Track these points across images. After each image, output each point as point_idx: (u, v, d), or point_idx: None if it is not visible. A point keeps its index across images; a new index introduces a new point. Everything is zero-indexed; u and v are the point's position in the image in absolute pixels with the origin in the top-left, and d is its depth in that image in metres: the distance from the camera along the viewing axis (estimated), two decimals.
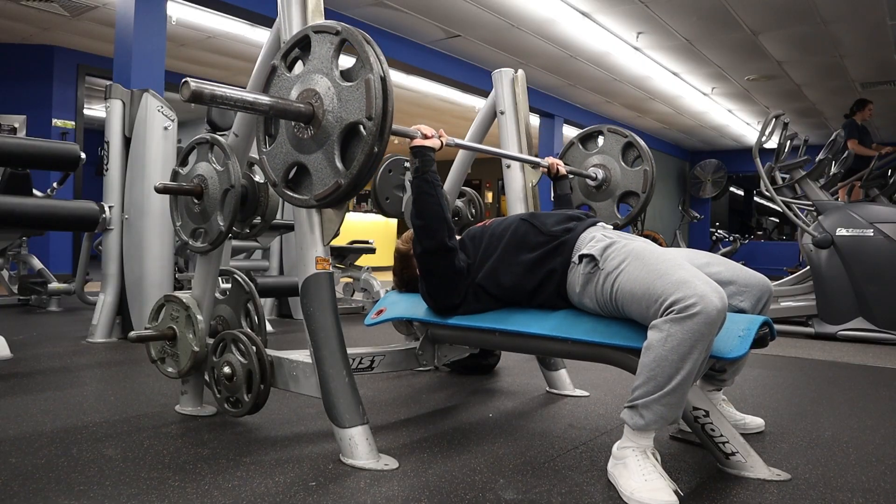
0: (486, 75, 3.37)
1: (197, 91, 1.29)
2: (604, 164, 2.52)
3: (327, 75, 1.49)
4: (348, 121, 1.44)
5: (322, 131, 1.48)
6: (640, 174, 2.46)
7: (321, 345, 1.63)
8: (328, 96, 1.47)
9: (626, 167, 2.50)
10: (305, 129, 1.50)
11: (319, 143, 1.49)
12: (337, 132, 1.45)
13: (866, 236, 4.03)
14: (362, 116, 1.41)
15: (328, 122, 1.47)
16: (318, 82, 1.49)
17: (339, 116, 1.45)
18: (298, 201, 1.56)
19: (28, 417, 1.94)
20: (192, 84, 1.29)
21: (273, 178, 1.59)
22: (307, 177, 1.54)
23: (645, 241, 1.65)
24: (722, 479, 1.55)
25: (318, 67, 1.51)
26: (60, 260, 6.71)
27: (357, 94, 1.42)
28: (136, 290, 3.32)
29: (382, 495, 1.40)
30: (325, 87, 1.48)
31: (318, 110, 1.48)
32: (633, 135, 2.51)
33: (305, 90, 1.51)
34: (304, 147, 1.52)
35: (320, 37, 1.52)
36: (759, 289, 1.75)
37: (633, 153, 2.51)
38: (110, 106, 3.41)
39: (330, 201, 1.50)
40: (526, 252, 1.72)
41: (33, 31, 6.58)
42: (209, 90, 1.32)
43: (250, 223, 2.20)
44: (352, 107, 1.43)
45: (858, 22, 5.66)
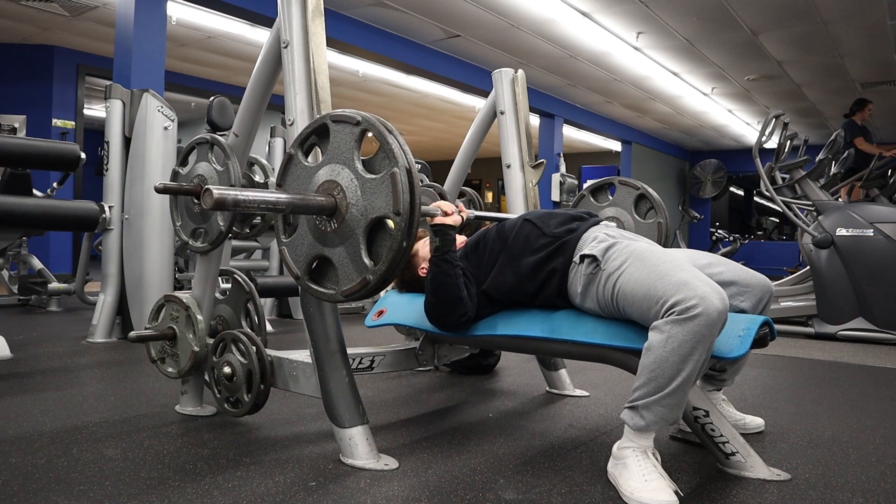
0: (486, 75, 3.38)
1: (220, 199, 1.25)
2: (617, 217, 2.49)
3: (349, 167, 1.43)
4: (374, 215, 1.38)
5: (346, 225, 1.42)
6: (654, 227, 2.42)
7: (321, 345, 1.63)
8: (351, 189, 1.41)
9: (639, 219, 2.46)
10: (328, 221, 1.44)
11: (343, 237, 1.43)
12: (362, 227, 1.39)
13: (866, 236, 4.03)
14: (389, 211, 1.35)
15: (352, 216, 1.41)
16: (339, 174, 1.44)
17: (363, 211, 1.39)
18: (324, 296, 1.48)
19: (28, 417, 1.94)
20: (215, 193, 1.24)
21: (295, 272, 1.52)
22: (331, 270, 1.48)
23: (647, 242, 1.65)
24: (722, 479, 1.55)
25: (338, 157, 1.45)
26: (60, 260, 6.71)
27: (382, 188, 1.36)
28: (136, 290, 3.32)
29: (382, 495, 1.40)
30: (348, 180, 1.42)
31: (342, 203, 1.42)
32: (644, 186, 2.47)
33: (327, 181, 1.45)
34: (327, 241, 1.46)
35: (339, 126, 1.46)
36: (760, 289, 1.74)
37: (645, 205, 2.48)
38: (110, 106, 3.41)
39: (357, 297, 1.44)
40: (529, 255, 1.71)
41: (33, 31, 6.58)
42: (232, 197, 1.27)
43: (250, 223, 2.20)
44: (377, 201, 1.37)
45: (858, 22, 5.66)
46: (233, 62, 7.45)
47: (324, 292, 1.49)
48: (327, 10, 1.78)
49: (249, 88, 1.93)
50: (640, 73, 7.54)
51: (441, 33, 6.31)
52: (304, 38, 1.73)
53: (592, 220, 1.75)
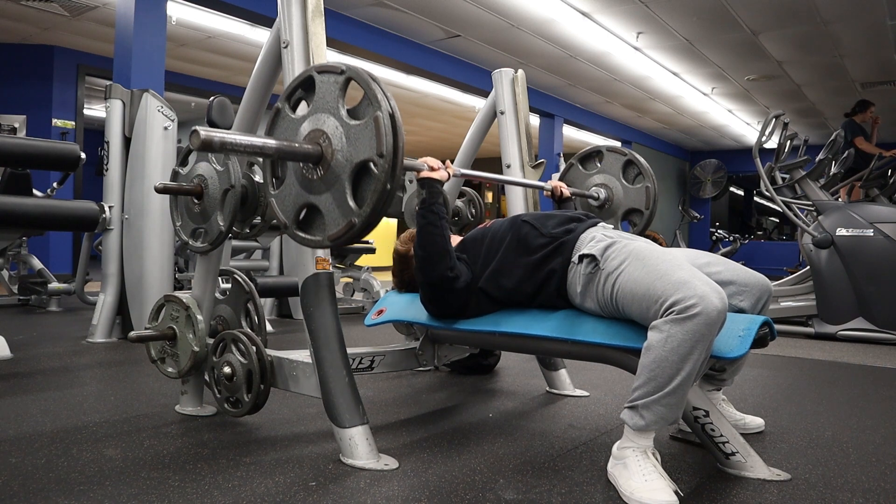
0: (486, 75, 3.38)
1: (206, 139, 1.28)
2: (605, 184, 2.51)
3: (334, 115, 1.46)
4: (358, 159, 1.41)
5: (331, 171, 1.45)
6: (643, 191, 2.44)
7: (321, 345, 1.63)
8: (336, 136, 1.44)
9: (627, 185, 2.49)
10: (314, 169, 1.47)
11: (329, 184, 1.45)
12: (347, 171, 1.42)
13: (866, 236, 4.03)
14: (373, 154, 1.38)
15: (337, 162, 1.44)
16: (325, 122, 1.46)
17: (348, 156, 1.42)
18: (311, 242, 1.52)
19: (28, 417, 1.94)
20: (202, 133, 1.27)
21: (284, 221, 1.55)
22: (319, 217, 1.50)
23: (646, 242, 1.65)
24: (722, 479, 1.55)
25: (324, 107, 1.48)
26: (60, 260, 6.72)
27: (366, 133, 1.39)
28: (136, 290, 3.32)
29: (382, 495, 1.41)
30: (333, 127, 1.45)
31: (327, 150, 1.45)
32: (632, 152, 2.51)
33: (313, 130, 1.48)
34: (314, 188, 1.48)
35: (324, 77, 1.49)
36: (758, 289, 1.74)
37: (633, 171, 2.50)
38: (110, 106, 3.41)
39: (344, 241, 1.46)
40: (527, 255, 1.71)
41: (33, 31, 6.58)
42: (219, 138, 1.30)
43: (250, 223, 2.20)
44: (361, 145, 1.40)
45: (858, 22, 5.66)
46: (233, 62, 7.45)
47: (311, 239, 1.52)
48: (327, 10, 1.79)
49: (249, 88, 1.93)
50: (640, 73, 7.54)
51: (441, 33, 6.32)
52: (304, 38, 1.73)
53: (590, 222, 1.76)
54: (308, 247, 1.59)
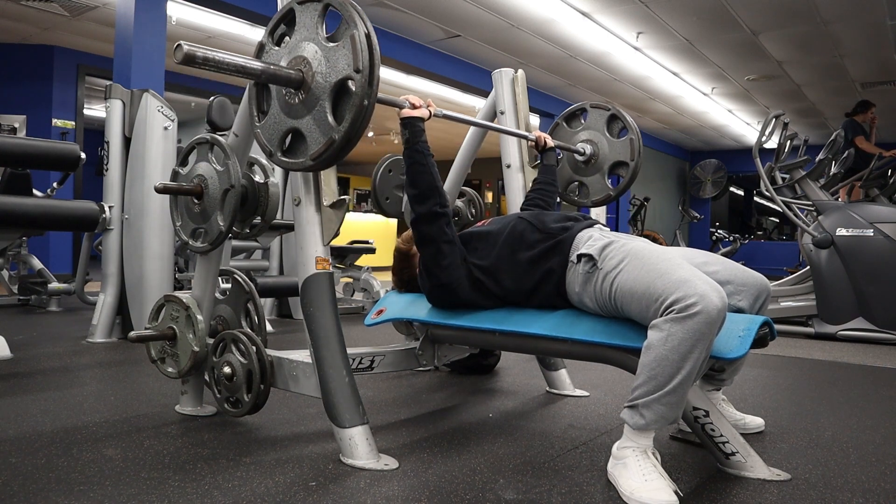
0: (486, 75, 3.38)
1: (189, 53, 1.31)
2: (590, 139, 2.56)
3: (313, 40, 1.51)
4: (337, 78, 1.45)
5: (312, 94, 1.49)
6: (627, 143, 2.49)
7: (321, 345, 1.63)
8: (316, 59, 1.49)
9: (612, 139, 2.54)
10: (296, 94, 1.52)
11: (311, 106, 1.50)
12: (327, 91, 1.47)
13: (866, 236, 4.03)
14: (350, 71, 1.42)
15: (317, 84, 1.48)
16: (305, 48, 1.51)
17: (327, 76, 1.47)
18: (295, 165, 1.56)
19: (28, 417, 1.94)
20: (185, 47, 1.30)
21: (269, 149, 1.60)
22: (302, 142, 1.55)
23: (644, 241, 1.65)
24: (722, 479, 1.55)
25: (305, 36, 1.53)
26: (60, 260, 6.71)
27: (343, 52, 1.44)
28: (136, 290, 3.32)
29: (382, 495, 1.41)
30: (313, 52, 1.50)
31: (308, 74, 1.49)
32: (616, 107, 2.55)
33: (294, 58, 1.53)
34: (296, 112, 1.53)
35: (304, 7, 1.54)
36: (756, 288, 1.75)
37: (617, 125, 2.55)
38: (110, 106, 3.41)
39: (325, 158, 1.50)
40: (524, 250, 1.72)
41: (33, 31, 6.58)
42: (202, 53, 1.33)
43: (250, 223, 2.20)
44: (339, 64, 1.45)
45: (858, 22, 5.66)
46: None
47: (295, 162, 1.56)
48: None
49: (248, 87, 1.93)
50: (640, 73, 7.54)
51: (441, 33, 6.31)
52: None
53: (587, 222, 1.77)
54: (293, 170, 1.62)
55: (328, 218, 1.71)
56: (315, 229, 1.69)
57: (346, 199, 1.75)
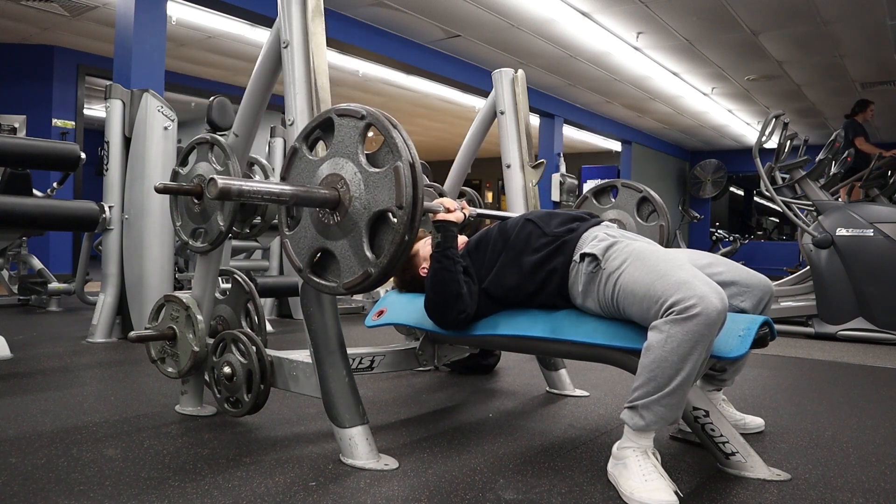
0: (486, 75, 3.38)
1: (224, 188, 1.27)
2: (619, 220, 2.51)
3: (353, 160, 1.44)
4: (377, 208, 1.39)
5: (349, 218, 1.43)
6: (657, 230, 2.43)
7: (321, 345, 1.63)
8: (354, 182, 1.42)
9: (641, 222, 2.48)
10: (331, 214, 1.45)
11: (346, 231, 1.44)
12: (365, 220, 1.40)
13: (866, 236, 4.03)
14: (392, 205, 1.36)
15: (355, 210, 1.42)
16: (343, 167, 1.45)
17: (366, 204, 1.40)
18: (326, 288, 1.50)
19: (28, 417, 1.94)
20: (219, 182, 1.27)
21: (298, 264, 1.53)
22: (333, 263, 1.49)
23: (648, 242, 1.64)
24: (722, 479, 1.55)
25: (342, 151, 1.46)
26: (60, 260, 6.71)
27: (386, 182, 1.37)
28: (136, 290, 3.32)
29: (382, 495, 1.41)
30: (352, 173, 1.43)
31: (345, 196, 1.43)
32: (647, 189, 2.49)
33: (330, 175, 1.46)
34: (329, 233, 1.47)
35: (344, 120, 1.47)
36: (760, 289, 1.74)
37: (648, 208, 2.50)
38: (110, 106, 3.41)
39: (359, 290, 1.45)
40: (529, 254, 1.71)
41: (33, 31, 6.58)
42: (237, 187, 1.29)
43: (250, 223, 2.20)
44: (380, 194, 1.38)
45: (858, 22, 5.66)
46: (233, 62, 7.45)
47: (326, 285, 1.50)
48: (327, 10, 1.78)
49: (249, 88, 1.93)
50: (640, 73, 7.54)
51: (441, 33, 6.31)
52: (304, 38, 1.73)
53: (593, 221, 1.75)
54: (323, 292, 1.58)
55: None
56: None
57: None
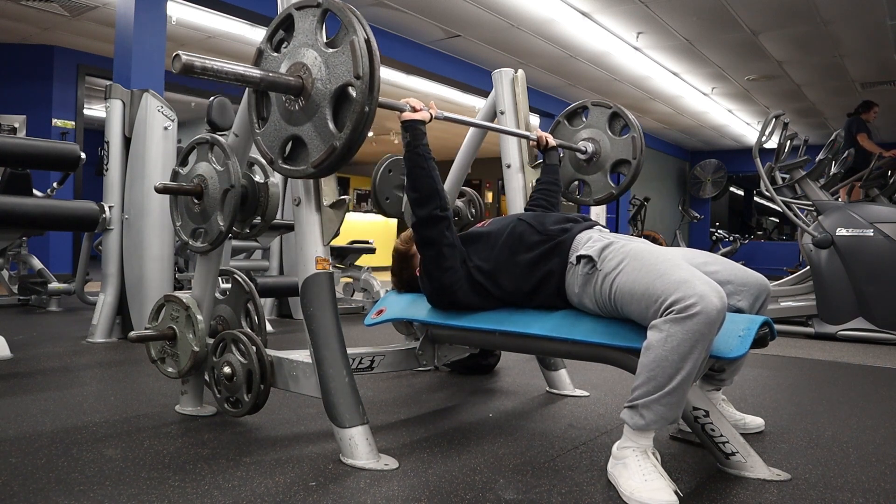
0: (486, 75, 3.38)
1: (188, 63, 1.31)
2: (592, 138, 2.55)
3: (312, 46, 1.49)
4: (337, 84, 1.44)
5: (312, 101, 1.48)
6: (629, 142, 2.48)
7: (321, 345, 1.64)
8: (315, 65, 1.48)
9: (614, 137, 2.53)
10: (296, 101, 1.51)
11: (311, 113, 1.49)
12: (327, 98, 1.46)
13: (866, 236, 4.03)
14: (350, 77, 1.41)
15: (317, 90, 1.47)
16: (304, 55, 1.50)
17: (327, 82, 1.46)
18: (297, 172, 1.55)
19: (28, 417, 1.94)
20: (183, 57, 1.30)
21: (269, 156, 1.59)
22: (303, 149, 1.53)
23: (643, 242, 1.65)
24: (722, 479, 1.55)
25: (304, 41, 1.52)
26: (60, 260, 6.71)
27: (343, 58, 1.43)
28: (136, 290, 3.32)
29: (382, 495, 1.41)
30: (312, 58, 1.48)
31: (307, 81, 1.48)
32: (617, 105, 2.54)
33: (293, 64, 1.51)
34: (296, 119, 1.52)
35: (302, 12, 1.53)
36: (756, 288, 1.75)
37: (619, 123, 2.54)
38: (110, 106, 3.41)
39: (327, 166, 1.49)
40: (523, 252, 1.72)
41: (33, 31, 6.58)
42: (200, 62, 1.33)
43: (250, 223, 2.20)
44: (339, 71, 1.44)
45: (858, 22, 5.66)
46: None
47: (296, 169, 1.55)
48: None
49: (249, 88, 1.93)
50: (640, 73, 7.54)
51: (441, 33, 6.31)
52: None
53: (586, 223, 1.77)
54: (294, 177, 1.62)
55: (328, 218, 1.71)
56: (315, 229, 1.69)
57: (346, 199, 1.75)
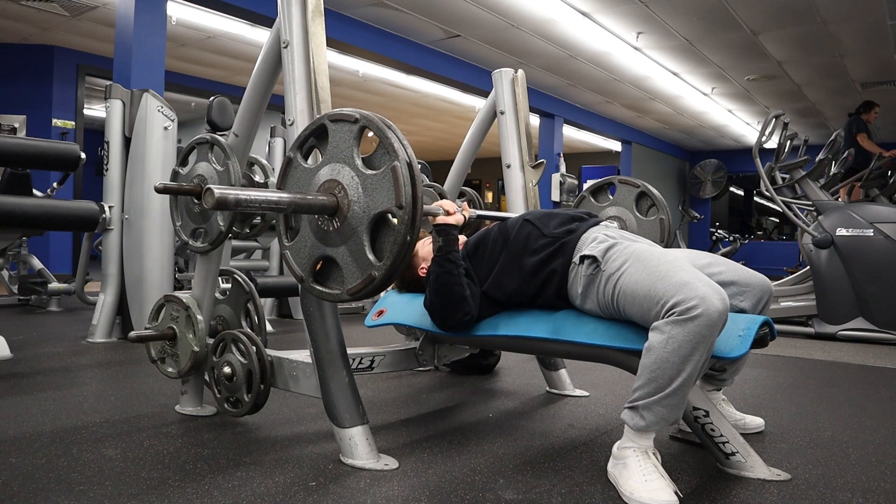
0: (486, 75, 3.39)
1: (222, 199, 1.25)
2: (618, 216, 2.49)
3: (349, 164, 1.42)
4: (376, 211, 1.37)
5: (348, 223, 1.41)
6: (657, 224, 2.41)
7: (321, 345, 1.63)
8: (352, 186, 1.40)
9: (641, 217, 2.46)
10: (330, 221, 1.44)
11: (346, 236, 1.42)
12: (365, 223, 1.39)
13: (866, 236, 4.03)
14: (392, 205, 1.34)
15: (354, 214, 1.40)
16: (339, 172, 1.43)
17: (365, 207, 1.39)
18: (330, 296, 1.47)
19: (28, 417, 1.94)
20: (216, 192, 1.25)
21: (300, 274, 1.51)
22: (335, 270, 1.47)
23: (648, 243, 1.64)
24: (722, 479, 1.55)
25: (338, 156, 1.44)
26: (60, 260, 6.71)
27: (384, 183, 1.36)
28: (136, 290, 3.32)
29: (382, 495, 1.41)
30: (349, 178, 1.41)
31: (343, 201, 1.41)
32: (644, 184, 2.47)
33: (327, 181, 1.44)
34: (329, 240, 1.45)
35: (338, 125, 1.46)
36: (759, 289, 1.74)
37: (646, 202, 2.48)
38: (110, 106, 3.41)
39: (363, 295, 1.42)
40: (528, 256, 1.70)
41: (33, 31, 6.57)
42: (234, 196, 1.27)
43: (250, 223, 2.20)
44: (379, 196, 1.37)
45: (858, 22, 5.66)
46: (233, 62, 7.45)
47: (329, 293, 1.47)
48: (327, 10, 1.78)
49: (249, 88, 1.93)
50: (640, 73, 7.54)
51: (441, 33, 6.31)
52: (304, 38, 1.73)
53: (592, 221, 1.75)
54: (326, 300, 1.55)
55: None
56: None
57: None
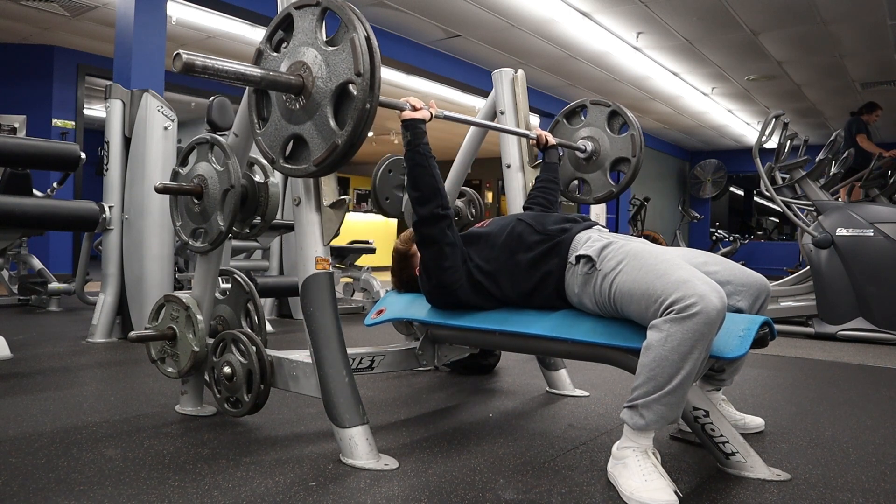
0: (486, 75, 3.39)
1: (189, 62, 1.30)
2: (591, 136, 2.56)
3: (312, 45, 1.49)
4: (338, 82, 1.44)
5: (313, 99, 1.48)
6: (628, 140, 2.48)
7: (321, 345, 1.64)
8: (316, 64, 1.47)
9: (613, 135, 2.53)
10: (297, 100, 1.50)
11: (312, 112, 1.48)
12: (328, 96, 1.45)
13: (866, 236, 4.03)
14: (351, 75, 1.41)
15: (318, 89, 1.47)
16: (304, 53, 1.50)
17: (327, 80, 1.45)
18: (298, 171, 1.54)
19: (28, 417, 1.94)
20: (184, 56, 1.30)
21: (271, 156, 1.58)
22: (304, 147, 1.53)
23: (642, 242, 1.65)
24: (722, 479, 1.55)
25: (304, 40, 1.51)
26: (60, 260, 6.71)
27: (344, 56, 1.43)
28: (136, 290, 3.32)
29: (382, 495, 1.41)
30: (313, 57, 1.48)
31: (308, 79, 1.48)
32: (616, 103, 2.54)
33: (294, 63, 1.51)
34: (297, 118, 1.52)
35: (302, 11, 1.53)
36: (756, 288, 1.74)
37: (618, 121, 2.54)
38: (110, 106, 3.41)
39: (329, 164, 1.48)
40: (523, 252, 1.72)
41: (33, 31, 6.58)
42: (201, 61, 1.33)
43: (250, 223, 2.20)
44: (340, 69, 1.44)
45: (858, 22, 5.66)
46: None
47: (298, 168, 1.54)
48: None
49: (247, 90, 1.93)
50: (640, 73, 7.54)
51: (441, 33, 6.31)
52: None
53: (585, 224, 1.77)
54: (296, 176, 1.61)
55: (328, 218, 1.71)
56: (315, 229, 1.69)
57: (346, 199, 1.75)
